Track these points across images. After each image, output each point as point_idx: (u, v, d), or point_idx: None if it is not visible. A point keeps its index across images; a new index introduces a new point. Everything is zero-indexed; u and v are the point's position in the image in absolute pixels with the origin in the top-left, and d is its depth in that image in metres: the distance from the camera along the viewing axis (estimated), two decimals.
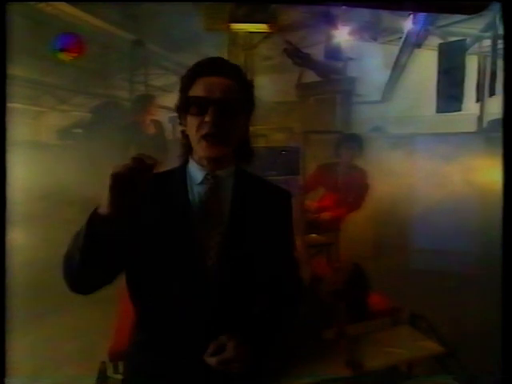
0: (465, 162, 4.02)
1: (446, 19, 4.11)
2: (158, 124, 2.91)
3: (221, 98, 0.83)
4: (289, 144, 2.37)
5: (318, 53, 4.35)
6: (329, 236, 2.42)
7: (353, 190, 2.55)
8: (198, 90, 0.85)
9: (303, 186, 2.45)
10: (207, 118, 0.82)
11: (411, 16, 3.29)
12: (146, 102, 2.88)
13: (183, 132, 0.91)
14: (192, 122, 0.85)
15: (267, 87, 3.11)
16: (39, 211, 2.93)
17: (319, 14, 3.93)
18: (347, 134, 2.62)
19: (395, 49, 4.82)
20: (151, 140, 2.84)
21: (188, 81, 0.87)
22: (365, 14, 4.39)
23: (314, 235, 2.39)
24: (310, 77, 4.58)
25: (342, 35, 4.27)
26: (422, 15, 3.32)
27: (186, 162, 0.94)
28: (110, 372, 1.87)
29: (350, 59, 4.57)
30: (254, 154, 0.97)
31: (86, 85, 5.32)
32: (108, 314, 2.88)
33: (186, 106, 0.86)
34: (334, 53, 4.31)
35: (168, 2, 2.44)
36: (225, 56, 2.96)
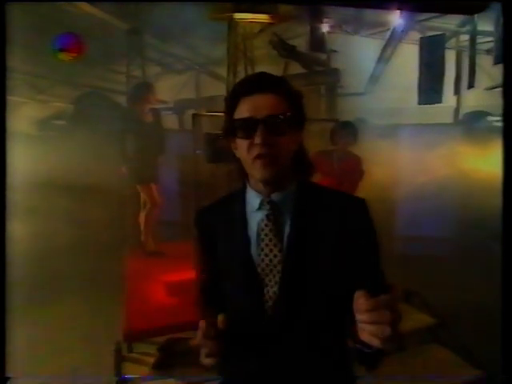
0: (443, 151, 4.27)
1: (425, 14, 4.31)
2: (155, 112, 2.95)
3: (268, 115, 0.78)
4: None
5: (302, 44, 4.46)
6: None
7: (348, 175, 2.68)
8: (243, 111, 0.80)
9: None
10: (257, 140, 0.78)
11: (399, 11, 3.43)
12: (145, 90, 2.90)
13: (235, 156, 0.86)
14: (242, 145, 0.81)
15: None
16: (33, 201, 2.93)
17: (304, 7, 4.03)
18: (342, 122, 2.75)
19: (377, 42, 5.02)
20: (149, 128, 2.88)
21: (231, 102, 0.82)
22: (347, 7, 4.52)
23: None
24: (296, 68, 4.68)
25: (325, 28, 4.40)
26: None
27: (244, 187, 0.89)
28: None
29: (334, 51, 4.71)
30: (314, 168, 0.91)
31: (66, 74, 5.21)
32: (105, 303, 2.93)
33: (233, 130, 0.82)
34: (318, 45, 4.43)
35: (170, 2, 2.47)
36: (224, 45, 3.04)
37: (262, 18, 2.45)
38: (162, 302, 2.31)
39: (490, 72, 4.23)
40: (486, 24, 3.90)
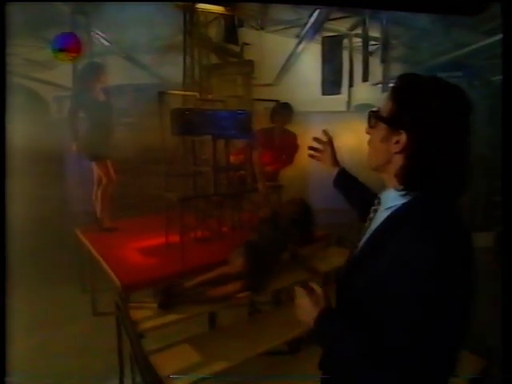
0: (341, 135, 5.25)
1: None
2: (106, 92, 3.11)
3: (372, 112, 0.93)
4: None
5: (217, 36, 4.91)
6: (276, 182, 3.15)
7: (285, 149, 3.28)
8: None
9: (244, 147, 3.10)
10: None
11: (317, 11, 4.12)
12: (97, 70, 3.04)
13: None
14: None
15: None
16: None
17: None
18: (281, 103, 3.32)
19: (282, 38, 5.78)
20: (101, 107, 3.04)
21: None
22: (253, 4, 5.12)
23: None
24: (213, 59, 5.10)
25: (236, 21, 4.92)
26: (324, 10, 4.17)
27: None
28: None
29: (246, 44, 5.28)
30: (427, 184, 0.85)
31: None
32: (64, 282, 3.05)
33: None
34: (232, 37, 4.93)
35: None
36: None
37: (219, 9, 2.86)
38: (142, 262, 2.58)
39: (374, 70, 5.30)
40: (372, 30, 4.92)
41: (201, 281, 2.25)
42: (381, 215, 0.92)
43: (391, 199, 0.89)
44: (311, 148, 1.39)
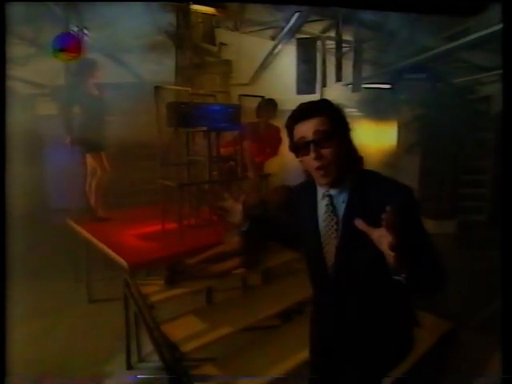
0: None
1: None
2: (99, 87, 3.30)
3: (315, 136, 1.08)
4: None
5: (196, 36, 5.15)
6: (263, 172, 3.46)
7: (270, 142, 3.58)
8: (297, 135, 1.12)
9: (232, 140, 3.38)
10: (312, 155, 1.09)
11: (296, 14, 4.43)
12: (91, 65, 3.22)
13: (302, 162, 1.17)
14: (304, 160, 1.14)
15: None
16: None
17: None
18: (266, 100, 3.61)
19: (256, 39, 6.09)
20: (95, 101, 3.23)
21: (289, 130, 1.16)
22: (231, 5, 5.39)
23: None
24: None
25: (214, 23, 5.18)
26: (303, 13, 4.48)
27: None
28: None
29: (223, 44, 5.55)
30: (363, 161, 1.21)
31: None
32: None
33: (295, 149, 1.15)
34: (209, 38, 5.20)
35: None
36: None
37: (211, 10, 3.12)
38: (143, 245, 2.80)
39: (345, 72, 5.69)
40: (344, 33, 5.30)
41: (201, 258, 2.51)
42: (340, 205, 1.18)
43: (343, 190, 1.17)
44: (220, 209, 1.52)
